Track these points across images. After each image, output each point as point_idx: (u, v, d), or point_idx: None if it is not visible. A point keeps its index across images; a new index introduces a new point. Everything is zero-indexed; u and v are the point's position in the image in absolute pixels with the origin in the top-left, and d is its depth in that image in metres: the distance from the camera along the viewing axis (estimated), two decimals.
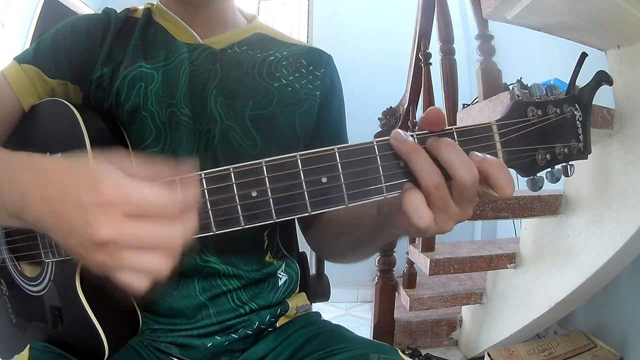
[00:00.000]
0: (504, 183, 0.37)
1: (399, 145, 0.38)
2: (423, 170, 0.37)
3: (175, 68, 0.61)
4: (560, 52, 1.84)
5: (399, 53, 2.41)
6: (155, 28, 0.65)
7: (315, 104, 0.67)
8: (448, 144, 0.38)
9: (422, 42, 1.82)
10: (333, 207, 0.39)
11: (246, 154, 0.61)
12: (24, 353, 0.54)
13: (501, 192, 0.38)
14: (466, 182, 0.37)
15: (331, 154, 0.39)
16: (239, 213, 0.39)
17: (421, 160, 0.38)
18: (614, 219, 1.19)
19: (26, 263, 0.60)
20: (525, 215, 1.42)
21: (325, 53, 0.73)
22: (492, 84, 1.50)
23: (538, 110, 0.41)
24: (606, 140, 1.20)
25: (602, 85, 0.42)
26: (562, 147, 0.41)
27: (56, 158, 0.39)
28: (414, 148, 0.38)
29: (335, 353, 0.56)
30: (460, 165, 0.37)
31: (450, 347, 1.94)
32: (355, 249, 0.60)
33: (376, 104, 2.17)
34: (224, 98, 0.62)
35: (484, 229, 2.71)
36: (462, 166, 0.37)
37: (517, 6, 1.08)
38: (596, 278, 1.27)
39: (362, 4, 3.04)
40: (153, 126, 0.59)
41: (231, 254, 0.61)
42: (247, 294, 0.62)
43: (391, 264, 1.83)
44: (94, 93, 0.61)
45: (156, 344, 0.59)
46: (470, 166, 0.37)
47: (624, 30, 1.11)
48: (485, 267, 1.57)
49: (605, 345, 1.42)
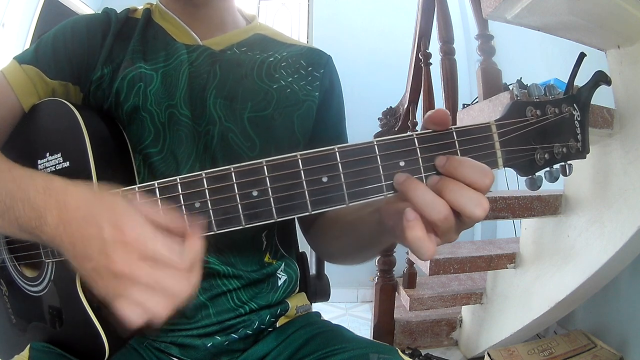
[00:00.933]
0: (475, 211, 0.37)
1: (398, 186, 0.38)
2: (427, 205, 0.37)
3: (174, 69, 0.61)
4: (560, 52, 1.84)
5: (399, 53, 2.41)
6: (155, 29, 0.65)
7: (315, 104, 0.67)
8: (416, 184, 0.38)
9: (422, 42, 1.82)
10: (333, 206, 0.39)
11: (245, 155, 0.61)
12: (24, 353, 0.54)
13: None
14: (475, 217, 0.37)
15: (331, 154, 0.39)
16: (240, 212, 0.39)
17: (423, 195, 0.37)
18: (614, 219, 1.19)
19: (26, 263, 0.60)
20: (525, 215, 1.42)
21: (325, 53, 0.73)
22: (492, 84, 1.50)
23: (537, 110, 0.41)
24: (606, 140, 1.20)
25: (600, 85, 0.42)
26: (560, 147, 0.41)
27: (72, 183, 0.40)
28: (414, 184, 0.38)
29: (335, 353, 0.56)
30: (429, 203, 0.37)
31: (450, 347, 1.94)
32: (355, 251, 0.60)
33: (376, 104, 2.16)
34: (223, 99, 0.62)
35: (484, 229, 2.71)
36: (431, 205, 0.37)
37: (517, 6, 1.08)
38: (596, 278, 1.26)
39: (362, 4, 3.04)
40: (152, 127, 0.59)
41: (230, 255, 0.61)
42: (247, 294, 0.62)
43: (391, 264, 1.83)
44: (94, 93, 0.61)
45: (156, 344, 0.59)
46: (440, 203, 0.37)
47: (624, 30, 1.11)
48: (485, 267, 1.57)
49: (605, 345, 1.42)
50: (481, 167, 0.37)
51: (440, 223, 0.37)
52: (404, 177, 0.38)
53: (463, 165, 0.38)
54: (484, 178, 0.37)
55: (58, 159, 0.53)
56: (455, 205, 0.37)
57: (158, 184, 0.40)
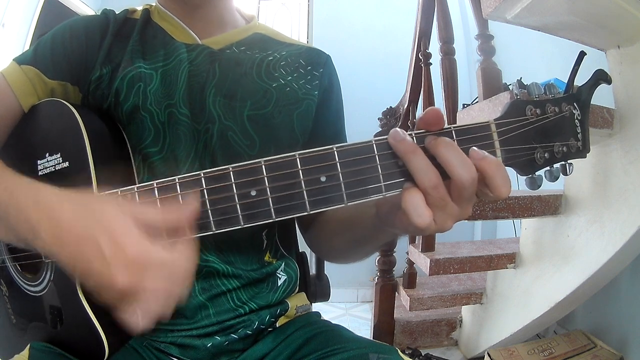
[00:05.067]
0: (500, 183, 0.38)
1: (396, 144, 0.38)
2: (420, 170, 0.38)
3: (174, 68, 0.61)
4: (560, 52, 1.84)
5: (399, 53, 2.42)
6: (154, 29, 0.66)
7: (314, 103, 0.67)
8: (447, 143, 0.38)
9: (422, 42, 1.82)
10: (332, 206, 0.39)
11: (244, 154, 0.61)
12: (24, 353, 0.54)
13: (496, 193, 0.38)
14: (464, 181, 0.37)
15: (330, 153, 0.39)
16: (239, 212, 0.39)
17: (418, 160, 0.38)
18: (614, 219, 1.18)
19: (26, 263, 0.60)
20: (525, 215, 1.41)
21: (324, 53, 0.73)
22: (492, 84, 1.50)
23: (536, 109, 0.41)
24: (606, 140, 1.20)
25: (600, 83, 0.42)
26: (560, 146, 0.41)
27: (61, 196, 0.40)
28: (411, 147, 0.38)
29: (335, 353, 0.56)
30: (459, 164, 0.37)
31: (450, 347, 1.94)
32: (354, 248, 0.60)
33: (376, 104, 2.17)
34: (222, 98, 0.62)
35: (484, 229, 2.71)
36: (460, 165, 0.37)
37: (517, 6, 1.08)
38: (596, 278, 1.26)
39: (362, 4, 3.05)
40: (152, 126, 0.59)
41: (230, 254, 0.61)
42: (247, 294, 0.62)
43: (391, 264, 1.83)
44: (93, 93, 0.61)
45: (156, 344, 0.59)
46: (469, 165, 0.37)
47: (624, 30, 1.11)
48: (485, 267, 1.57)
49: (605, 345, 1.42)
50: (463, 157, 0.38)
51: (431, 190, 0.37)
52: (402, 136, 0.38)
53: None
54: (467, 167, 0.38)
55: (57, 159, 0.53)
56: (448, 165, 0.37)
57: (157, 184, 0.40)
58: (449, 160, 0.37)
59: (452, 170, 0.37)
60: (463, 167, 0.37)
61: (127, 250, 0.35)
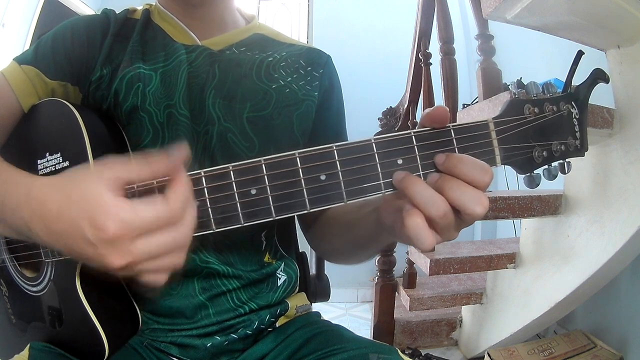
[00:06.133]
0: None
1: (398, 184, 0.39)
2: (426, 201, 0.37)
3: (173, 69, 0.61)
4: (560, 52, 1.84)
5: (399, 53, 2.42)
6: (154, 30, 0.66)
7: (314, 104, 0.67)
8: (416, 180, 0.38)
9: (422, 42, 1.82)
10: (332, 204, 0.39)
11: (244, 155, 0.61)
12: (24, 353, 0.54)
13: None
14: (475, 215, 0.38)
15: (330, 152, 0.39)
16: (239, 211, 0.39)
17: (422, 192, 0.37)
18: (614, 219, 1.18)
19: (26, 263, 0.60)
20: (525, 215, 1.41)
21: (324, 53, 0.73)
22: (492, 84, 1.50)
23: (535, 107, 0.41)
24: (606, 140, 1.20)
25: (598, 82, 0.42)
26: (558, 145, 0.41)
27: (51, 186, 0.39)
28: (413, 181, 0.38)
29: (335, 353, 0.56)
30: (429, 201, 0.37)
31: (450, 347, 1.94)
32: (355, 250, 0.60)
33: (376, 104, 2.17)
34: (222, 99, 0.62)
35: (484, 229, 2.71)
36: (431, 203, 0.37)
37: (517, 6, 1.08)
38: (596, 278, 1.26)
39: (362, 4, 3.05)
40: (151, 126, 0.59)
41: (230, 255, 0.61)
42: (247, 294, 0.62)
43: (391, 264, 1.83)
44: (93, 94, 0.61)
45: (156, 343, 0.59)
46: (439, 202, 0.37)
47: (624, 30, 1.11)
48: (485, 267, 1.57)
49: (605, 345, 1.42)
50: (480, 165, 0.38)
51: (440, 220, 0.37)
52: (403, 174, 0.38)
53: (462, 163, 0.38)
54: (483, 175, 0.37)
55: (57, 158, 0.53)
56: (456, 203, 0.37)
57: (157, 183, 0.40)
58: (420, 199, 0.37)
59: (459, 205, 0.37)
60: (434, 205, 0.37)
61: (109, 231, 0.34)
